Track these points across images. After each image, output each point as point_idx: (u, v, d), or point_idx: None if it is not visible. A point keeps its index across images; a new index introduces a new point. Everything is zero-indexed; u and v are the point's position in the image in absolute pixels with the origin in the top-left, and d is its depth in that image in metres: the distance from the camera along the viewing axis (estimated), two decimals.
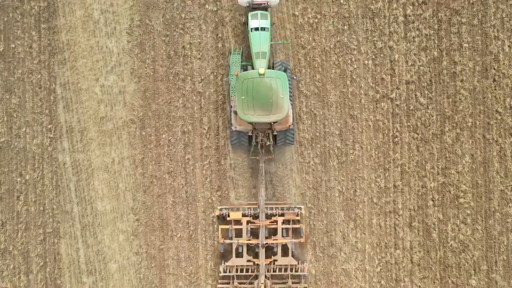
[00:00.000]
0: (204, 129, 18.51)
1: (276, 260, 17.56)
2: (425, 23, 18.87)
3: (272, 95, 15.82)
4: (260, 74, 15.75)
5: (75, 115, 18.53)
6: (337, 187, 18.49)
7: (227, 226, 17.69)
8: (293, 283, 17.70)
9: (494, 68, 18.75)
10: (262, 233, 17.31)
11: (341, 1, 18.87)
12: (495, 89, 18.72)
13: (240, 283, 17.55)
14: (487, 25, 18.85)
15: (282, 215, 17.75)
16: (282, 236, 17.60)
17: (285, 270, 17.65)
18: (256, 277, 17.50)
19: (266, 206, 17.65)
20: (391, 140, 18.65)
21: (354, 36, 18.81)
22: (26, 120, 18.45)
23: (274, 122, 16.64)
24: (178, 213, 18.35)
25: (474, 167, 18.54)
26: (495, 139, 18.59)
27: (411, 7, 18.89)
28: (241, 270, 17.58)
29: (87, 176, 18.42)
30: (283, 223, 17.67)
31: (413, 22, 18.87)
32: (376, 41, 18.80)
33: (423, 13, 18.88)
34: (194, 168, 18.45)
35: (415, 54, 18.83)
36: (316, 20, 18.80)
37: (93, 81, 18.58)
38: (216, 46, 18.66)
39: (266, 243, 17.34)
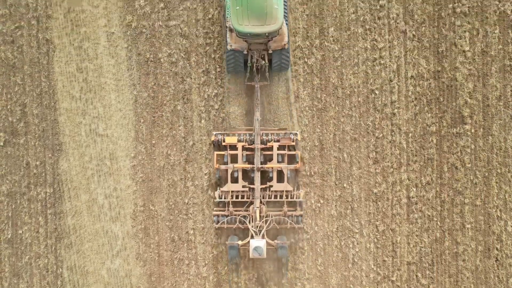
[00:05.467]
0: None
1: (272, 186, 18.05)
2: (428, 204, 18.91)
3: (266, 6, 16.22)
4: None
5: None
6: None
7: (222, 152, 18.16)
8: (288, 210, 18.09)
9: (496, 249, 18.83)
10: (258, 156, 17.77)
11: (344, 185, 18.93)
12: (498, 269, 18.83)
13: (236, 210, 17.97)
14: (490, 205, 18.85)
15: (278, 141, 18.12)
16: (278, 162, 18.05)
17: (281, 196, 18.08)
18: (252, 203, 17.95)
19: (262, 131, 18.10)
20: None
21: (357, 220, 18.93)
22: None
23: (269, 40, 17.00)
24: None
25: None
26: None
27: (414, 189, 18.92)
28: (237, 197, 18.03)
29: None
30: (278, 149, 18.06)
31: (416, 204, 18.92)
32: (379, 224, 18.90)
33: (426, 194, 18.90)
34: None
35: (417, 236, 18.94)
36: (319, 205, 18.91)
37: (99, 264, 18.97)
38: (220, 233, 18.88)
39: (261, 167, 17.81)
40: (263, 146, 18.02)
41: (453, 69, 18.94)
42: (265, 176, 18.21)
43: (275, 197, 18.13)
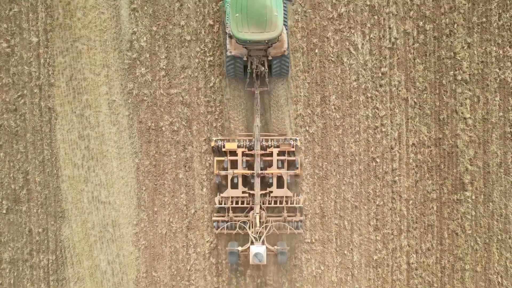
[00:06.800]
0: None
1: (272, 192, 18.21)
2: (428, 270, 19.02)
3: (266, 13, 16.21)
4: None
5: None
6: None
7: (222, 158, 18.34)
8: (288, 215, 18.23)
9: None
10: (257, 162, 17.92)
11: (345, 251, 19.04)
12: None
13: (236, 216, 18.11)
14: (490, 271, 18.95)
15: (278, 146, 18.29)
16: (278, 168, 18.21)
17: (281, 202, 18.22)
18: (251, 209, 18.08)
19: (262, 137, 18.25)
20: None
21: (357, 286, 19.05)
22: None
23: (269, 46, 17.06)
24: None
25: None
26: None
27: (414, 255, 19.02)
28: (237, 203, 18.19)
29: None
30: (278, 154, 18.23)
31: (416, 269, 19.03)
32: None
33: (427, 259, 19.00)
34: None
35: None
36: (320, 271, 19.03)
37: None
38: None
39: (261, 173, 17.97)
40: (263, 152, 18.14)
41: (454, 136, 19.01)
42: (265, 182, 18.33)
43: (275, 202, 18.24)
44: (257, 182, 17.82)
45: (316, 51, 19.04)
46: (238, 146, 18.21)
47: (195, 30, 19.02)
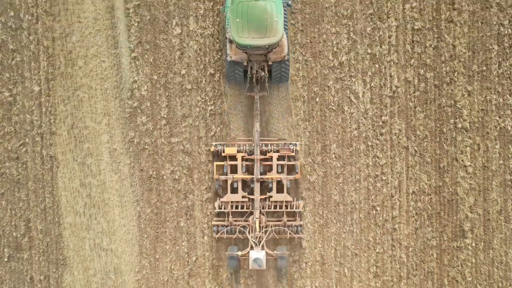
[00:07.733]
0: None
1: (271, 196, 18.30)
2: None
3: (267, 18, 16.30)
4: None
5: None
6: None
7: (222, 163, 18.42)
8: (288, 220, 18.34)
9: None
10: (257, 167, 18.02)
11: None
12: None
13: (235, 221, 18.21)
14: None
15: (277, 151, 18.37)
16: (277, 172, 18.28)
17: (280, 207, 18.32)
18: (251, 213, 18.19)
19: (261, 142, 18.34)
20: None
21: None
22: None
23: (269, 51, 17.16)
24: None
25: None
26: None
27: None
28: (236, 207, 18.29)
29: None
30: (278, 159, 18.31)
31: None
32: None
33: None
34: None
35: None
36: None
37: None
38: None
39: (261, 178, 18.06)
40: (262, 157, 18.20)
41: (454, 184, 19.07)
42: (265, 187, 18.42)
43: (275, 207, 18.30)
44: (256, 186, 17.92)
45: (317, 99, 19.10)
46: (238, 151, 18.24)
47: (196, 79, 19.08)
